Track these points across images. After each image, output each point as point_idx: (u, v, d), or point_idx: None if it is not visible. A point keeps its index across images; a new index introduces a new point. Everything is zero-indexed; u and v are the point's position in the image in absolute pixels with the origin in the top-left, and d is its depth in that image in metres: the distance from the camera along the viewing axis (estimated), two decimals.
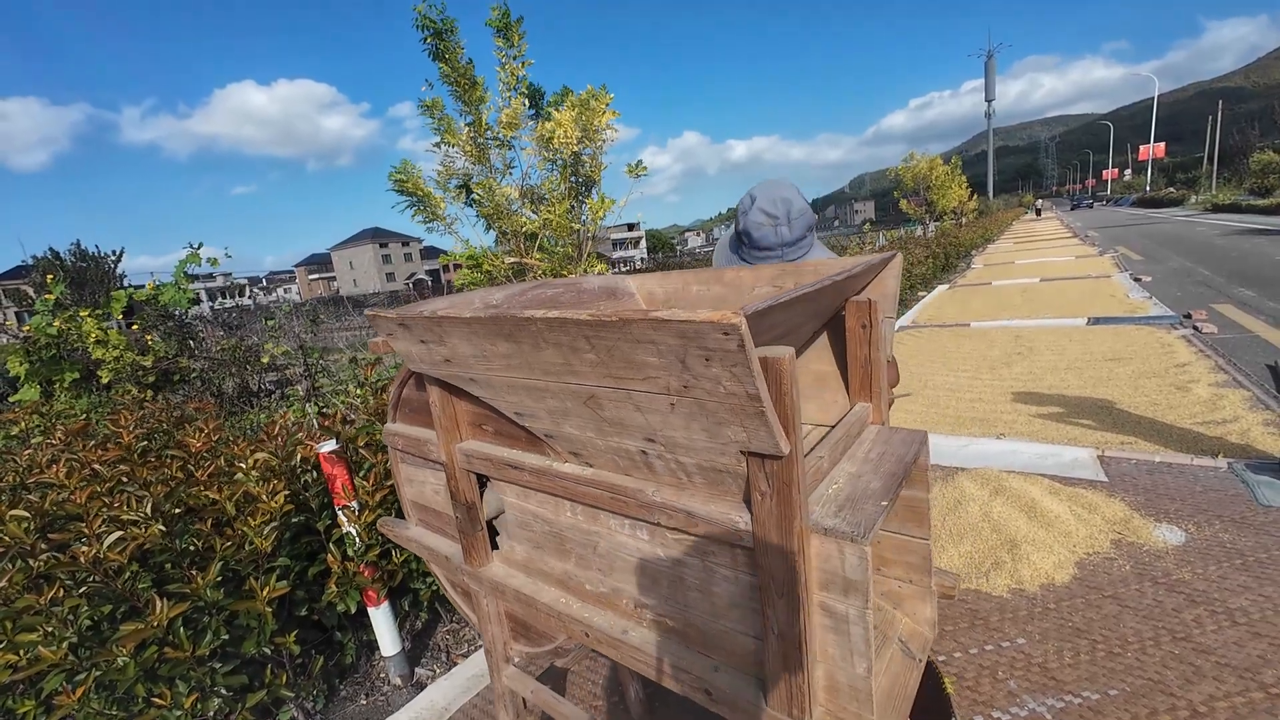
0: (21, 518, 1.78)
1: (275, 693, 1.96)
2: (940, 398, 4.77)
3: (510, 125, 4.07)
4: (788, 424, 0.71)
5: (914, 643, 1.09)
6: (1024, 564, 2.38)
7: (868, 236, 13.88)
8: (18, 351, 3.91)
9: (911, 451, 0.98)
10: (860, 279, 1.04)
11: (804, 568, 0.77)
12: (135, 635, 1.63)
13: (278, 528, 1.87)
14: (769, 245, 1.41)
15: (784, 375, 0.69)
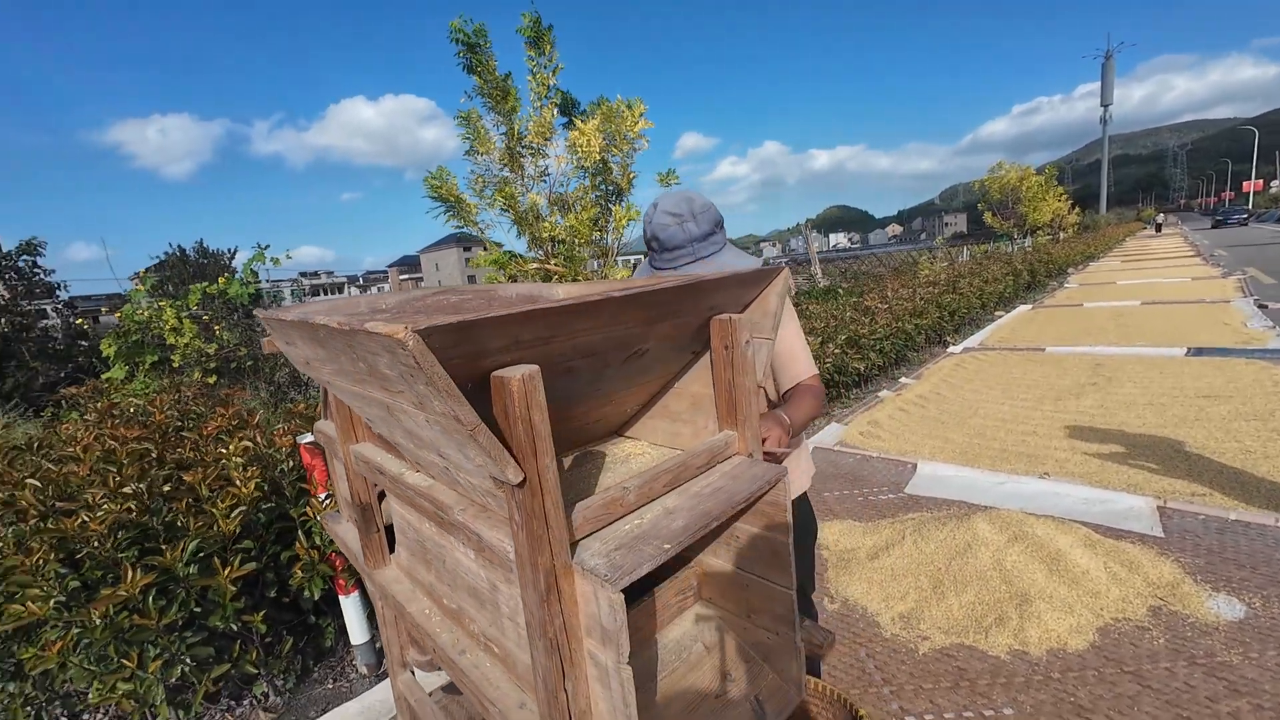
0: (33, 485, 2.00)
1: (241, 668, 2.08)
2: (988, 428, 4.36)
3: (540, 134, 4.15)
4: (522, 451, 0.65)
5: (772, 702, 0.97)
6: (1032, 623, 2.10)
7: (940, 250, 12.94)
8: (110, 335, 4.45)
9: (750, 489, 0.87)
10: (729, 293, 0.95)
11: (560, 609, 0.70)
12: (108, 599, 1.77)
13: (245, 512, 1.98)
14: (678, 244, 1.35)
15: (514, 397, 0.63)
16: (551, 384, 0.81)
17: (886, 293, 7.39)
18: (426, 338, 0.55)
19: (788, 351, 1.44)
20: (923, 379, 5.96)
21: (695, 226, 1.34)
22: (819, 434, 4.56)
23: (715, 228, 1.37)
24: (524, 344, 0.67)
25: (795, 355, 1.43)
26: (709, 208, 1.37)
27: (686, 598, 1.09)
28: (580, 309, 0.67)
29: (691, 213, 1.35)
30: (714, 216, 1.38)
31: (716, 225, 1.38)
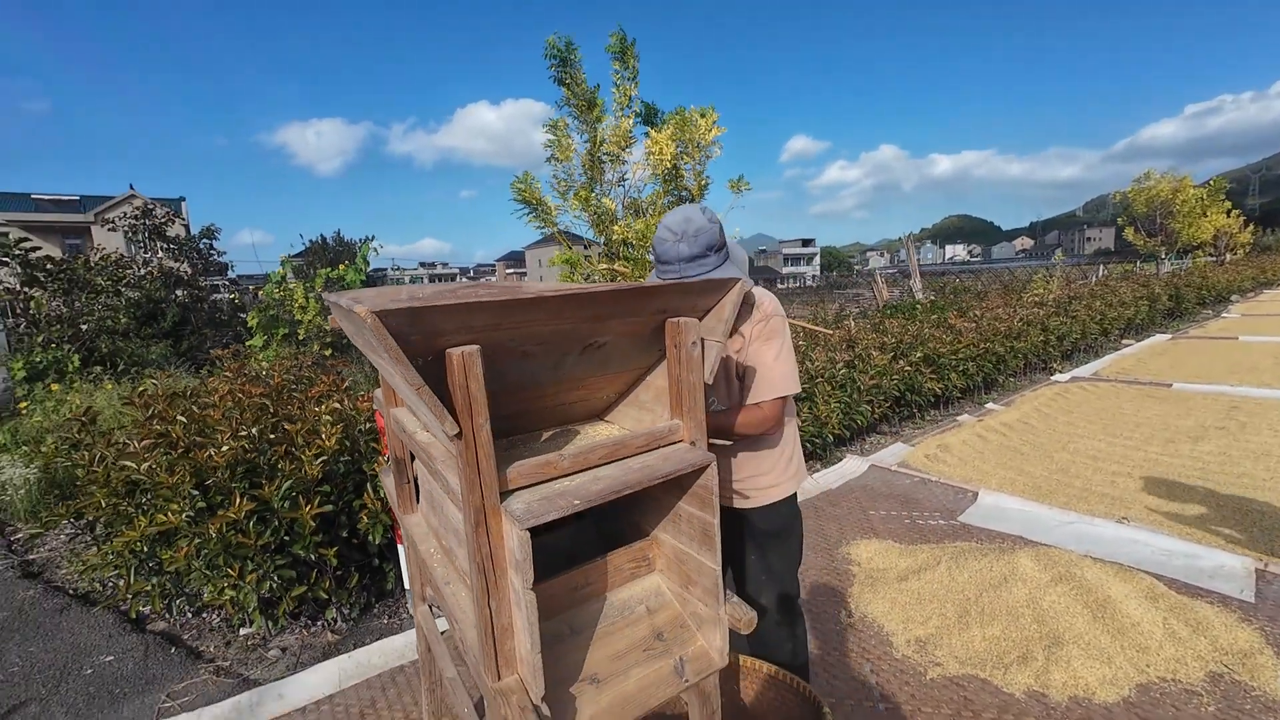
0: (181, 422, 2.52)
1: (316, 593, 2.48)
2: (1075, 465, 3.99)
3: (618, 142, 4.39)
4: (462, 411, 0.83)
5: (694, 664, 1.07)
6: (1059, 667, 1.98)
7: (1059, 267, 11.53)
8: (253, 309, 5.30)
9: (671, 468, 0.99)
10: (681, 299, 1.07)
11: (488, 541, 0.88)
12: (222, 519, 2.22)
13: (326, 461, 2.37)
14: (669, 259, 1.45)
15: (455, 369, 0.81)
16: (512, 364, 1.00)
17: (977, 311, 6.87)
18: (383, 318, 0.75)
19: (757, 374, 1.52)
20: (1013, 406, 5.52)
21: (686, 247, 1.43)
22: (880, 452, 4.42)
23: (708, 251, 1.44)
24: (475, 329, 0.85)
25: (760, 378, 1.52)
26: (706, 230, 1.43)
27: (640, 566, 1.23)
28: (517, 304, 0.84)
29: (686, 233, 1.43)
30: (709, 240, 1.43)
31: (709, 249, 1.44)
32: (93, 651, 2.50)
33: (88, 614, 2.77)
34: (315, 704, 2.09)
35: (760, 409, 1.51)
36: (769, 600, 1.72)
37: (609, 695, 1.00)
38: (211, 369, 4.55)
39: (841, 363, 4.39)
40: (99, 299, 7.46)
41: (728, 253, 1.52)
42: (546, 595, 1.11)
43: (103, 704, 2.19)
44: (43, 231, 24.98)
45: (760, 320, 1.54)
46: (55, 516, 2.62)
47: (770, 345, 1.52)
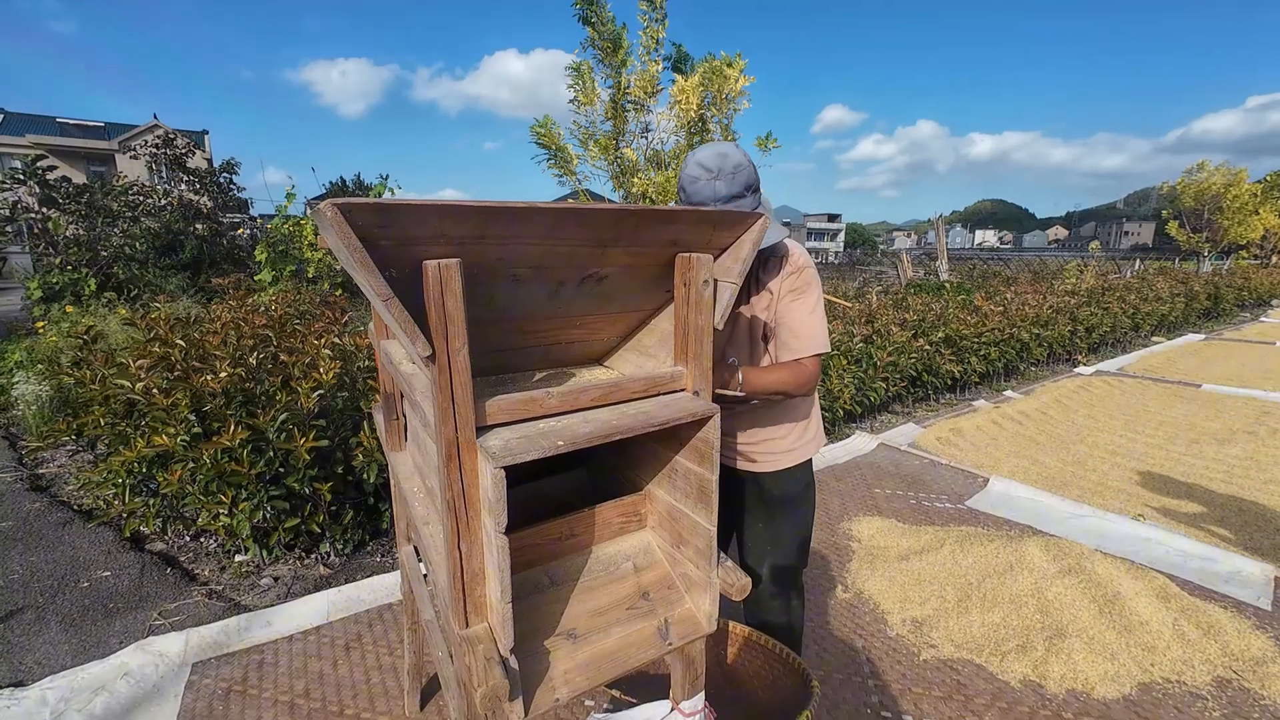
0: (180, 347, 2.48)
1: (309, 525, 2.47)
2: (1092, 458, 3.86)
3: (643, 88, 4.17)
4: (437, 330, 0.74)
5: (679, 627, 1.01)
6: (1059, 659, 1.92)
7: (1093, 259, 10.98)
8: (261, 243, 5.24)
9: (669, 416, 0.89)
10: (694, 230, 0.95)
11: (461, 478, 0.80)
12: (215, 444, 2.19)
13: (323, 395, 2.32)
14: (702, 200, 1.30)
15: (430, 282, 0.72)
16: (501, 289, 0.90)
17: (1007, 295, 6.62)
18: (346, 212, 0.65)
19: (792, 327, 1.39)
20: (1032, 395, 5.36)
21: (723, 186, 1.28)
22: (890, 431, 4.31)
23: (746, 191, 1.30)
24: (452, 239, 0.75)
25: (797, 332, 1.39)
26: (743, 167, 1.30)
27: (631, 521, 1.16)
28: (500, 212, 0.74)
29: (723, 170, 1.28)
30: (747, 178, 1.30)
31: (748, 188, 1.31)
32: (91, 566, 2.53)
33: (89, 530, 2.80)
34: (302, 633, 2.10)
35: (803, 366, 1.37)
36: (772, 569, 1.65)
37: (586, 652, 0.94)
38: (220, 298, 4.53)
39: (859, 337, 4.24)
40: (117, 225, 7.45)
41: (759, 193, 1.38)
42: (527, 543, 1.04)
43: (96, 617, 2.21)
44: (68, 156, 25.03)
45: (792, 273, 1.41)
46: (57, 432, 2.62)
47: (806, 298, 1.40)
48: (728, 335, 1.49)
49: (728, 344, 1.50)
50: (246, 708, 1.77)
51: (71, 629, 2.14)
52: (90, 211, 7.48)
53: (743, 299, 1.46)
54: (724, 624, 1.62)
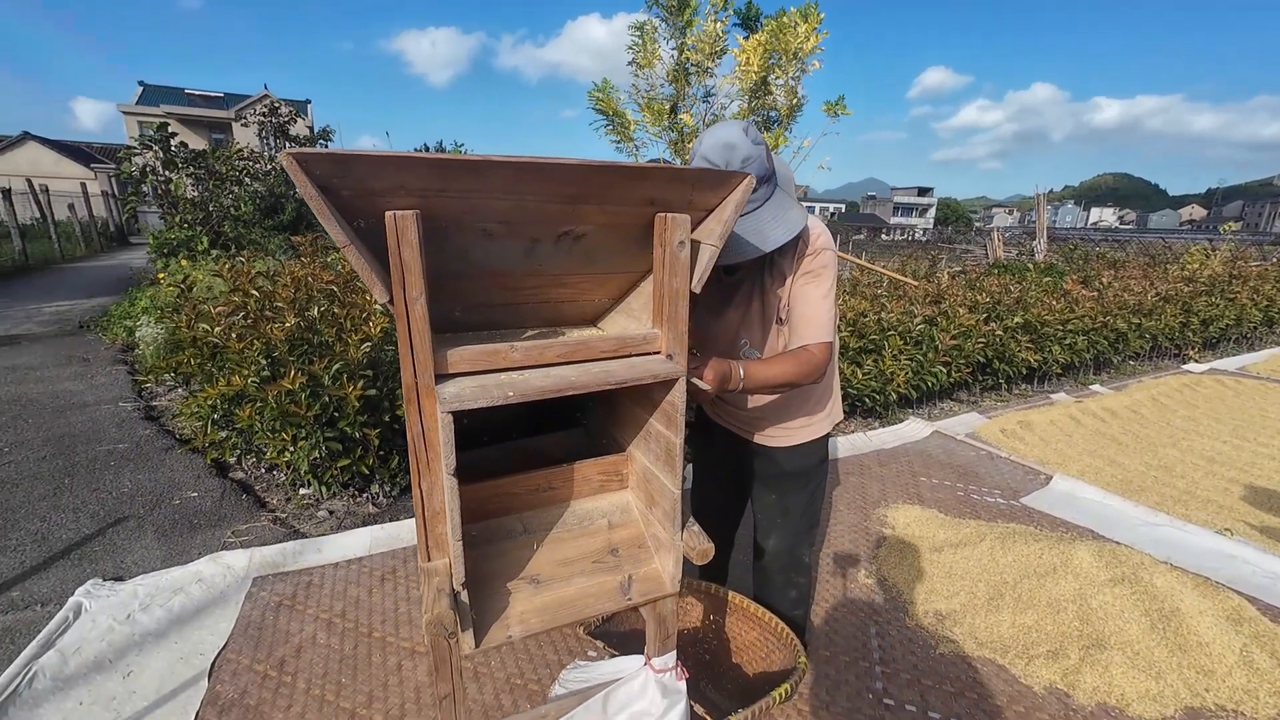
0: (255, 296, 2.73)
1: (359, 466, 2.69)
2: (1181, 464, 3.47)
3: (705, 49, 4.02)
4: (395, 279, 0.77)
5: (641, 584, 1.02)
6: (1093, 670, 1.78)
7: (1226, 241, 9.47)
8: None
9: (629, 375, 0.89)
10: (673, 189, 0.92)
11: (421, 421, 0.84)
12: (278, 387, 2.42)
13: (371, 347, 2.49)
14: None
15: (389, 232, 0.75)
16: (475, 243, 0.93)
17: (1104, 278, 5.94)
18: (302, 161, 0.69)
19: (804, 312, 1.31)
20: (1124, 392, 4.85)
21: None
22: (948, 420, 4.06)
23: (758, 183, 1.19)
24: (414, 190, 0.77)
25: (808, 319, 1.30)
26: (753, 160, 1.19)
27: (611, 480, 1.18)
28: (455, 165, 0.75)
29: (729, 163, 1.18)
30: (759, 169, 1.19)
31: (760, 180, 1.19)
32: (183, 487, 2.90)
33: (183, 456, 3.20)
34: (346, 562, 2.31)
35: (810, 353, 1.28)
36: (778, 544, 1.63)
37: (545, 597, 0.98)
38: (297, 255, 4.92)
39: (920, 317, 3.98)
40: (225, 186, 8.20)
41: (778, 180, 1.28)
42: (504, 491, 1.08)
43: (182, 530, 2.54)
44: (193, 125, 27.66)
45: (809, 254, 1.32)
46: (158, 369, 2.98)
47: (820, 282, 1.31)
48: (740, 317, 1.43)
49: (741, 325, 1.44)
50: (292, 620, 1.99)
51: (163, 538, 2.48)
52: (204, 174, 8.27)
53: (756, 279, 1.39)
54: (721, 593, 1.63)
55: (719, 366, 1.18)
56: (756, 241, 1.20)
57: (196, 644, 1.87)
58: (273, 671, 1.76)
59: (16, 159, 23.33)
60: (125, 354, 5.37)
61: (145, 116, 25.74)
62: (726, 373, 1.19)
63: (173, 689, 1.69)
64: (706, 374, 1.16)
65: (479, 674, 1.77)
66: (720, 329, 1.47)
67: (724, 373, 1.19)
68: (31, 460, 3.14)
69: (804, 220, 1.27)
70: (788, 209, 1.25)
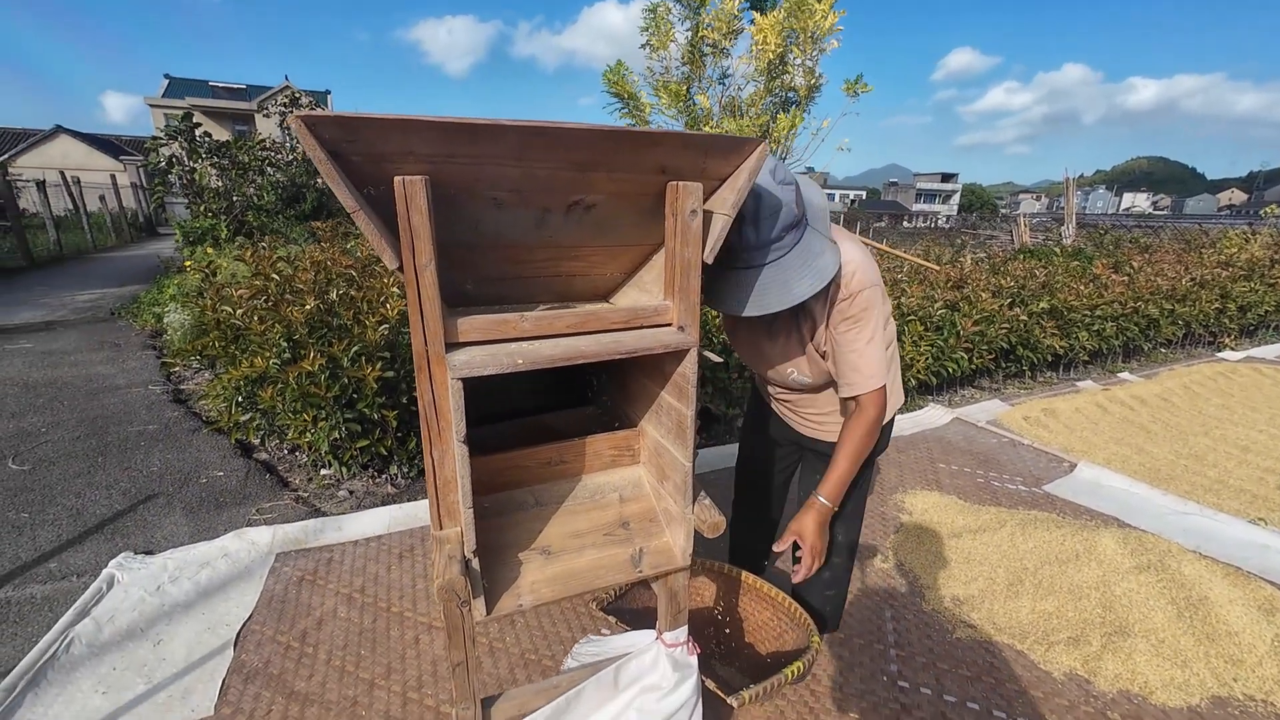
0: (275, 280, 2.77)
1: (377, 447, 2.73)
2: (1212, 453, 3.36)
3: (720, 28, 3.95)
4: (405, 245, 0.77)
5: (651, 557, 1.02)
6: (1115, 657, 1.75)
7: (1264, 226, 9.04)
8: None
9: (639, 345, 0.87)
10: (684, 156, 0.90)
11: (432, 389, 0.85)
12: (298, 368, 2.46)
13: (388, 329, 2.52)
14: (730, 242, 1.10)
15: (398, 198, 0.75)
16: (485, 213, 0.92)
17: (1135, 263, 5.74)
18: (310, 124, 0.69)
19: (849, 362, 1.25)
20: (1155, 379, 4.71)
21: (754, 233, 1.12)
22: (969, 407, 3.98)
23: (783, 233, 1.13)
24: (421, 157, 0.77)
25: (855, 367, 1.24)
26: (779, 210, 1.11)
27: (623, 455, 1.18)
28: (463, 129, 0.74)
29: (755, 215, 1.11)
30: (786, 220, 1.12)
31: (788, 229, 1.13)
32: (210, 467, 2.98)
33: (209, 437, 3.28)
34: (365, 540, 2.36)
35: (863, 413, 1.24)
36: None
37: (556, 567, 0.99)
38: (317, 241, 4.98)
39: (941, 302, 3.89)
40: (247, 176, 8.33)
41: (806, 221, 1.19)
42: (515, 463, 1.09)
43: (209, 508, 2.61)
44: (217, 116, 28.10)
45: (844, 298, 1.22)
46: (184, 352, 3.06)
47: (862, 327, 1.22)
48: (783, 348, 1.37)
49: (787, 356, 1.38)
50: (314, 594, 2.03)
51: (190, 515, 2.55)
52: (227, 164, 8.42)
53: (791, 316, 1.32)
54: (734, 573, 1.63)
55: (806, 528, 1.25)
56: (780, 294, 1.12)
57: (223, 615, 1.92)
58: (295, 642, 1.81)
59: (49, 152, 23.97)
60: (154, 340, 5.51)
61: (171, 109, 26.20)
62: (817, 521, 1.26)
63: (201, 657, 1.74)
64: (807, 557, 1.24)
65: (494, 649, 1.79)
66: (772, 354, 1.42)
67: (817, 524, 1.25)
68: (67, 440, 3.25)
69: (835, 266, 1.16)
70: (817, 255, 1.16)
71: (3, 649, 1.80)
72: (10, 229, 10.50)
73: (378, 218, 0.77)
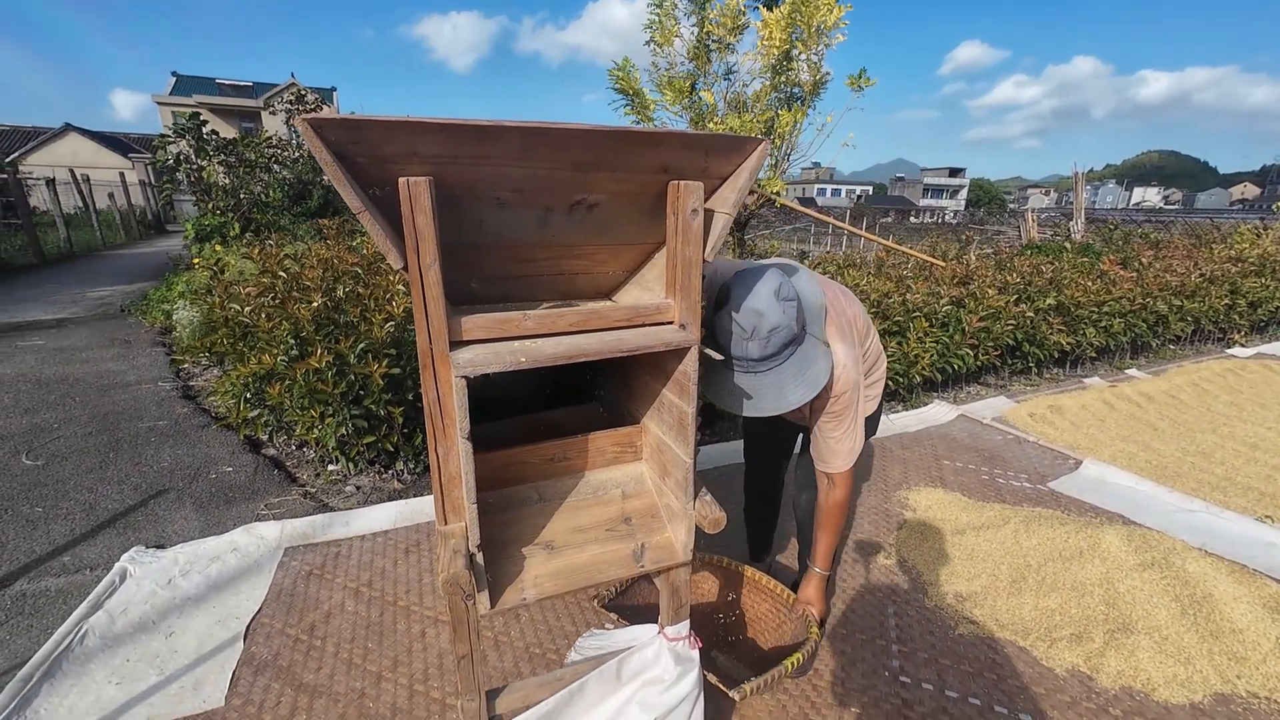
0: (283, 277, 2.80)
1: (384, 443, 2.76)
2: (1220, 449, 3.34)
3: (726, 24, 3.94)
4: (410, 245, 0.78)
5: (654, 553, 1.03)
6: (1118, 654, 1.75)
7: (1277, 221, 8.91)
8: None
9: (640, 343, 0.88)
10: (685, 156, 0.91)
11: (436, 387, 0.86)
12: (305, 365, 2.49)
13: (394, 326, 2.54)
14: (732, 353, 1.20)
15: (402, 199, 0.76)
16: (489, 213, 0.93)
17: (1144, 258, 5.69)
18: (316, 126, 0.70)
19: (827, 447, 1.40)
20: (1163, 376, 4.67)
21: (755, 348, 1.18)
22: (974, 404, 3.97)
23: (782, 349, 1.20)
24: (425, 158, 0.78)
25: (833, 451, 1.40)
26: (782, 328, 1.16)
27: (626, 452, 1.19)
28: (467, 130, 0.75)
29: (756, 331, 1.16)
30: (785, 336, 1.18)
31: (785, 346, 1.20)
32: (219, 462, 3.01)
33: (219, 433, 3.32)
34: (372, 534, 2.39)
35: (835, 490, 1.44)
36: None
37: (559, 562, 1.00)
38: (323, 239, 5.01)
39: (947, 298, 3.88)
40: (254, 174, 8.38)
41: (809, 324, 1.26)
42: (519, 459, 1.10)
43: (219, 503, 2.65)
44: (224, 114, 28.23)
45: (833, 398, 1.37)
46: (192, 349, 3.09)
47: (840, 421, 1.37)
48: None
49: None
50: (321, 588, 2.06)
51: (200, 510, 2.59)
52: (234, 162, 8.46)
53: None
54: (735, 567, 1.64)
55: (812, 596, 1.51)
56: (775, 400, 1.22)
57: (233, 608, 1.96)
58: (304, 635, 1.84)
59: (59, 150, 24.16)
60: (164, 336, 5.57)
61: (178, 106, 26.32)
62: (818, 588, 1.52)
63: (211, 649, 1.77)
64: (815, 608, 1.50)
65: (499, 642, 1.81)
66: None
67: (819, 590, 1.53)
68: (79, 436, 3.30)
69: (828, 372, 1.26)
70: (812, 362, 1.24)
71: (19, 640, 1.84)
72: (21, 227, 10.61)
73: (383, 218, 0.79)
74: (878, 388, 1.63)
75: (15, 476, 2.84)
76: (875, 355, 1.58)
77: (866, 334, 1.49)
